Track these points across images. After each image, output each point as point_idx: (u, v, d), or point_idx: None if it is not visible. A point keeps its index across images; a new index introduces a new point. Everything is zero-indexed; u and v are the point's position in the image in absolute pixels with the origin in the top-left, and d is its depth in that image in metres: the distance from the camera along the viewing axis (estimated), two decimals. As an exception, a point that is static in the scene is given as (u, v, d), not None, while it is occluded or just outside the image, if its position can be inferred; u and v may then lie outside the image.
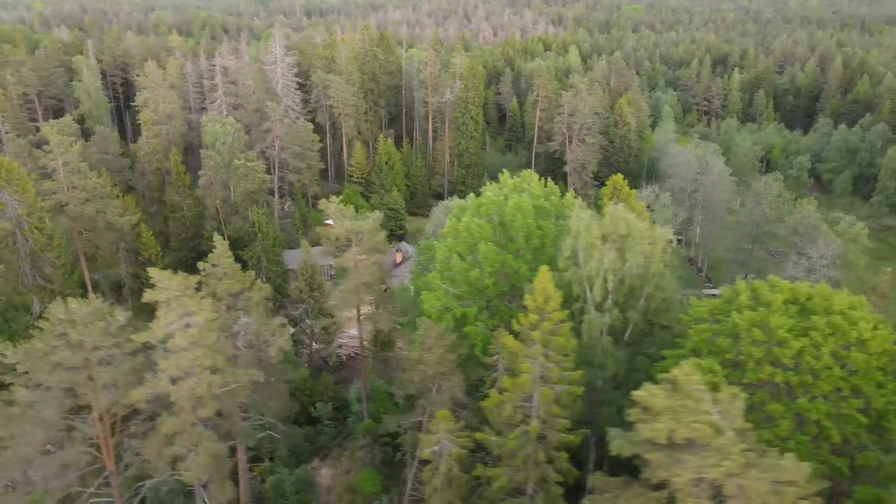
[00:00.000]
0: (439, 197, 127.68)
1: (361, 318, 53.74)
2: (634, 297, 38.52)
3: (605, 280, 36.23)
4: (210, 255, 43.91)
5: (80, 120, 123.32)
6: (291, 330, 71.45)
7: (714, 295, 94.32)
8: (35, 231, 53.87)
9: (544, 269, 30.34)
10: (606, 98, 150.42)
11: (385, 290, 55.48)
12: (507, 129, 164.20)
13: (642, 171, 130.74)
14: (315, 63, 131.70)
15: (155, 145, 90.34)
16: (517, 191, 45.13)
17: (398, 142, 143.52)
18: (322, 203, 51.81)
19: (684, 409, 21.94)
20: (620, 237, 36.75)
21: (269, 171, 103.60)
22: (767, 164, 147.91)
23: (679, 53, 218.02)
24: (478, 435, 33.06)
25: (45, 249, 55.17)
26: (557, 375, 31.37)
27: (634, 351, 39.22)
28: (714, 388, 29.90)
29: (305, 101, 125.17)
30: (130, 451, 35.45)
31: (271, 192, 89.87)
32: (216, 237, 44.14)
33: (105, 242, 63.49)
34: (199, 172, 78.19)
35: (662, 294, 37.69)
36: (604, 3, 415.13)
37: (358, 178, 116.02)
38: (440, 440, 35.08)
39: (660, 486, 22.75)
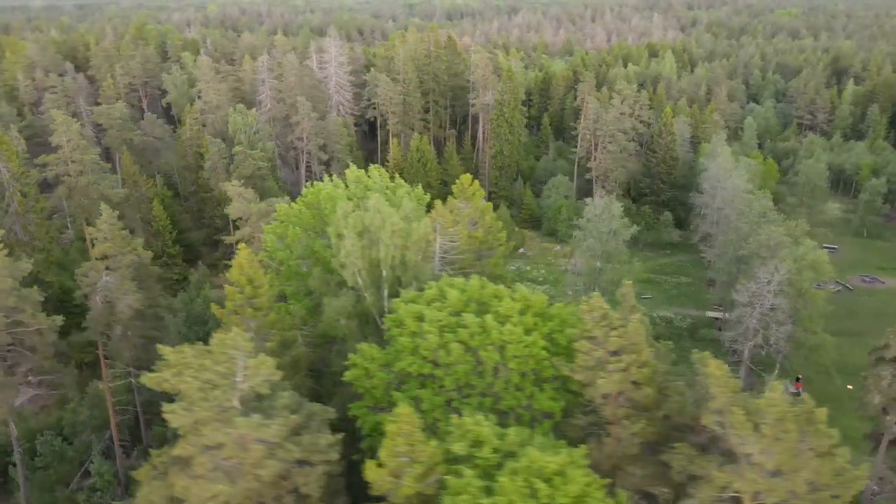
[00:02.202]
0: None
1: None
2: (401, 286, 40.55)
3: (356, 267, 38.79)
4: (98, 222, 51.77)
5: (168, 107, 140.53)
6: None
7: (716, 318, 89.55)
8: (18, 194, 64.81)
9: (242, 246, 33.84)
10: (693, 107, 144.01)
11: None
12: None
13: (694, 184, 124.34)
14: (377, 63, 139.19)
15: (196, 132, 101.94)
16: (356, 183, 48.30)
17: (460, 141, 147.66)
18: (225, 184, 57.88)
19: (196, 367, 24.95)
20: (377, 229, 39.04)
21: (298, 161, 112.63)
22: (854, 186, 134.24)
23: (798, 62, 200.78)
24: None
25: (29, 211, 66.11)
26: (256, 346, 34.73)
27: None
28: (367, 374, 32.01)
29: (361, 98, 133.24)
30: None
31: (278, 179, 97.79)
32: (102, 206, 51.79)
33: (96, 210, 73.75)
34: (206, 157, 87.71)
35: (420, 285, 39.37)
36: (755, 8, 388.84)
37: (393, 172, 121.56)
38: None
39: (192, 434, 25.87)
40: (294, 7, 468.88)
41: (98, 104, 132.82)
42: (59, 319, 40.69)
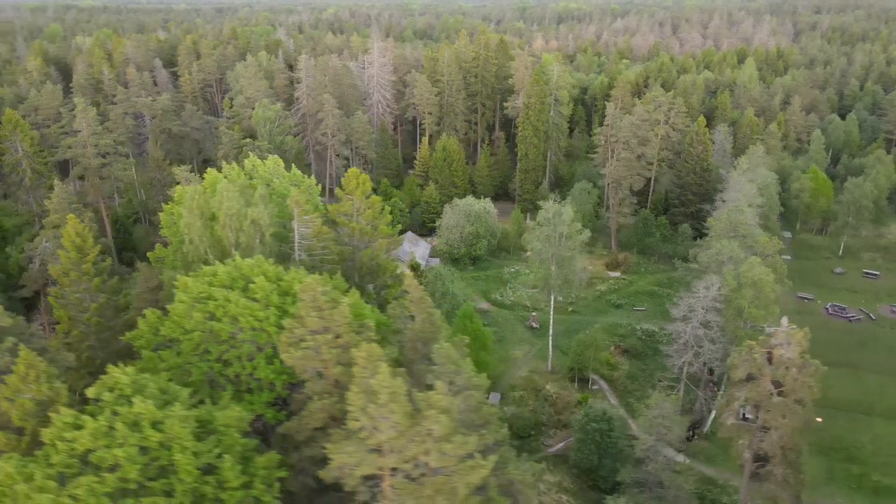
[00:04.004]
0: (510, 197, 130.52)
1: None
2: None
3: (197, 243, 42.81)
4: (52, 195, 59.29)
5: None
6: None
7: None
8: (28, 170, 74.75)
9: (71, 217, 38.76)
10: (751, 117, 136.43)
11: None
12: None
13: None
14: (425, 65, 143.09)
15: (231, 123, 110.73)
16: (253, 170, 52.48)
17: (507, 144, 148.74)
18: (174, 169, 63.88)
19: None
20: (215, 211, 42.83)
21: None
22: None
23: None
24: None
25: (40, 186, 75.95)
26: (83, 306, 39.64)
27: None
28: (140, 335, 35.86)
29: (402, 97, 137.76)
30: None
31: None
32: (56, 182, 59.25)
33: (108, 188, 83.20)
34: (218, 146, 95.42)
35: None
36: (893, 13, 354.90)
37: (420, 170, 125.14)
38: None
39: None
40: (408, 10, 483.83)
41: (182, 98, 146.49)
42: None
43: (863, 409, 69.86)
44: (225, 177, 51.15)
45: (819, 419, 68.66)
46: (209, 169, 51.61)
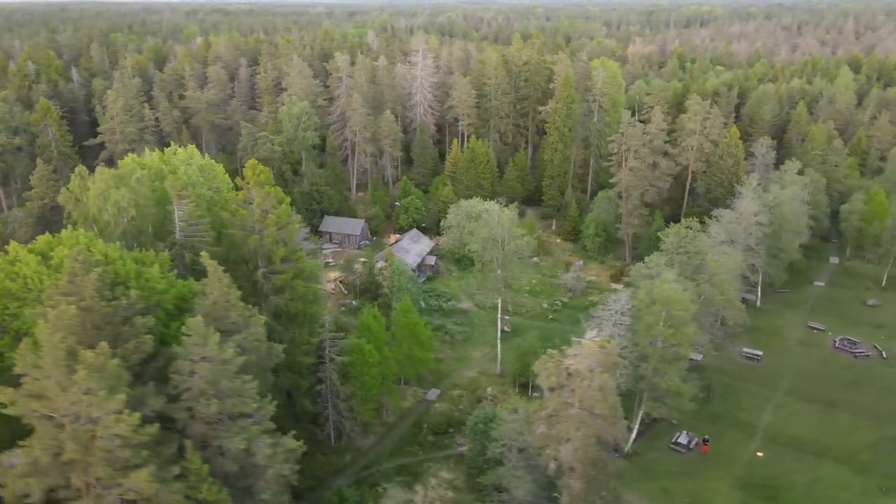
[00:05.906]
0: (535, 200, 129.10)
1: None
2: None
3: (72, 217, 48.90)
4: (35, 173, 68.61)
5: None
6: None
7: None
8: (56, 152, 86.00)
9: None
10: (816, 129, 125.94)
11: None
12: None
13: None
14: (474, 68, 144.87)
15: (266, 117, 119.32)
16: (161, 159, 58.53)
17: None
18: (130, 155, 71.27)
19: None
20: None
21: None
22: None
23: None
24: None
25: (64, 166, 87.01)
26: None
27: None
28: None
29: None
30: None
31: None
32: (38, 162, 68.39)
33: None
34: (239, 138, 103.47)
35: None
36: None
37: (450, 171, 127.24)
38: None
39: None
40: (528, 14, 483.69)
41: (256, 94, 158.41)
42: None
43: (816, 450, 63.84)
44: (142, 164, 57.16)
45: (760, 454, 64.06)
46: (128, 154, 57.90)
